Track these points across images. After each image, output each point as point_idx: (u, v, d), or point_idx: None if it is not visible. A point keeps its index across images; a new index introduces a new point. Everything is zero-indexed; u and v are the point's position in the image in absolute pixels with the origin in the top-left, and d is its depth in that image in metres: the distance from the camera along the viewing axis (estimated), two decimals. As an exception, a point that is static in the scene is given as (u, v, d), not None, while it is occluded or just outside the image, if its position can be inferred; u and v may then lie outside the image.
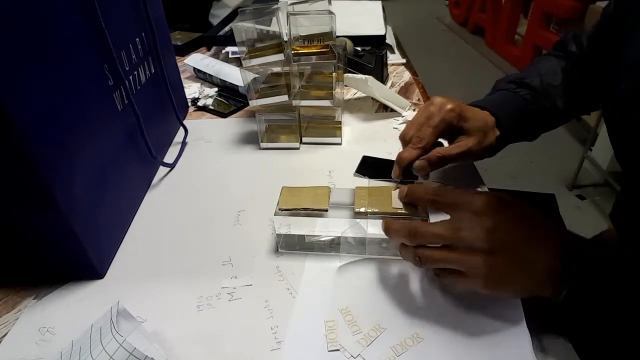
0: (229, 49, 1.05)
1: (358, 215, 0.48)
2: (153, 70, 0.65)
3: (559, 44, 0.65)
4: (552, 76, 0.60)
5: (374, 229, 0.48)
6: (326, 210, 0.48)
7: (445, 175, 0.63)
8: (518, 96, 0.59)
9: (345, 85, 0.84)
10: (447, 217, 0.40)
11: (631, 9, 0.49)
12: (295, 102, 0.68)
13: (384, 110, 0.80)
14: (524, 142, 0.62)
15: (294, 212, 0.48)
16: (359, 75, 0.79)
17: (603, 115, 0.59)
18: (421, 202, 0.43)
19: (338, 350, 0.41)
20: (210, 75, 0.92)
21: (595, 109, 0.67)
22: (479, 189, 0.61)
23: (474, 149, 0.51)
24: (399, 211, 0.46)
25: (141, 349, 0.35)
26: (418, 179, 0.53)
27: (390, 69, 0.97)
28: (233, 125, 0.79)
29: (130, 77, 0.57)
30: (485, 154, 0.55)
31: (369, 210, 0.47)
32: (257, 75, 0.68)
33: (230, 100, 0.87)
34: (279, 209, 0.49)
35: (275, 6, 0.64)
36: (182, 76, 0.86)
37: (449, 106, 0.51)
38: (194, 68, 0.95)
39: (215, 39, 1.09)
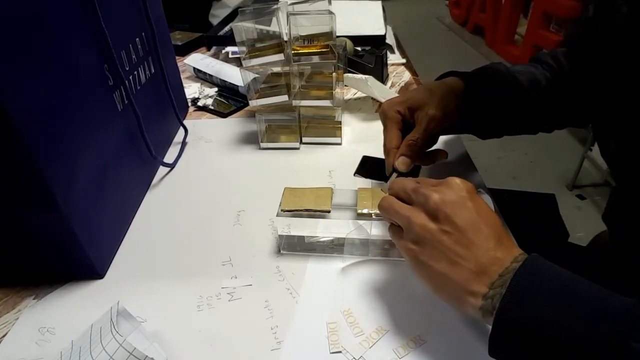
0: (229, 49, 1.05)
1: (360, 216, 0.48)
2: (153, 70, 0.65)
3: (533, 59, 0.64)
4: (525, 74, 0.59)
5: (377, 230, 0.48)
6: (329, 212, 0.48)
7: (445, 176, 0.62)
8: (486, 68, 0.60)
9: (345, 85, 0.84)
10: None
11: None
12: (295, 102, 0.68)
13: (379, 110, 0.80)
14: (524, 142, 0.61)
15: (296, 213, 0.48)
16: (359, 75, 0.79)
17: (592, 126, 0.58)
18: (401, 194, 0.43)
19: (340, 352, 0.41)
20: (210, 75, 0.92)
21: (571, 125, 0.66)
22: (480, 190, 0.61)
23: (438, 115, 0.51)
24: None
25: (141, 349, 0.35)
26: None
27: (390, 69, 0.97)
28: (233, 125, 0.79)
29: (130, 77, 0.57)
30: (463, 115, 0.55)
31: (372, 212, 0.47)
32: (257, 75, 0.68)
33: (230, 100, 0.87)
34: (281, 210, 0.48)
35: (275, 6, 0.64)
36: (182, 76, 0.86)
37: (394, 109, 0.53)
38: (194, 68, 0.95)
39: (215, 39, 1.09)
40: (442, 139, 0.58)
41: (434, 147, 0.57)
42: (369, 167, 0.57)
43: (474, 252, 0.35)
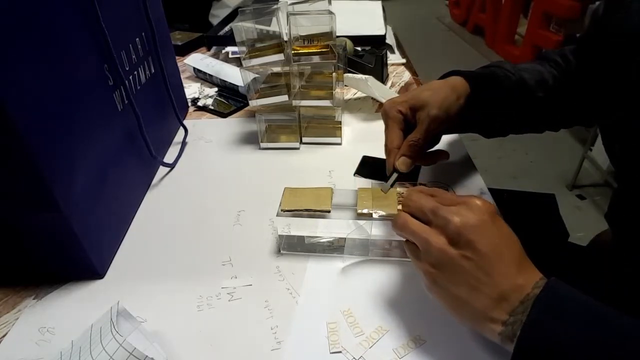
0: (229, 49, 1.05)
1: (360, 216, 0.48)
2: (153, 70, 0.65)
3: (541, 57, 0.64)
4: (531, 73, 0.58)
5: (377, 230, 0.48)
6: (329, 212, 0.48)
7: (446, 176, 0.63)
8: (491, 67, 0.59)
9: (345, 85, 0.84)
10: None
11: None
12: (295, 102, 0.68)
13: (381, 110, 0.80)
14: (524, 142, 0.61)
15: (296, 213, 0.48)
16: (359, 75, 0.79)
17: (598, 124, 0.58)
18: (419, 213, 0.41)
19: (340, 352, 0.41)
20: (210, 75, 0.92)
21: (577, 123, 0.66)
22: (480, 190, 0.61)
23: (440, 115, 0.51)
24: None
25: (141, 349, 0.35)
26: (417, 181, 0.53)
27: (390, 69, 0.97)
28: (233, 125, 0.79)
29: (130, 77, 0.57)
30: (465, 116, 0.54)
31: (372, 212, 0.47)
32: (257, 75, 0.68)
33: (230, 100, 0.87)
34: (282, 210, 0.48)
35: (275, 6, 0.64)
36: (182, 76, 0.86)
37: (396, 108, 0.52)
38: (194, 68, 0.95)
39: (215, 39, 1.09)
40: (442, 138, 0.58)
41: (436, 147, 0.57)
42: (369, 167, 0.57)
43: (495, 278, 0.35)
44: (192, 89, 0.90)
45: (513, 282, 0.34)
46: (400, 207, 0.48)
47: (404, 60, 1.03)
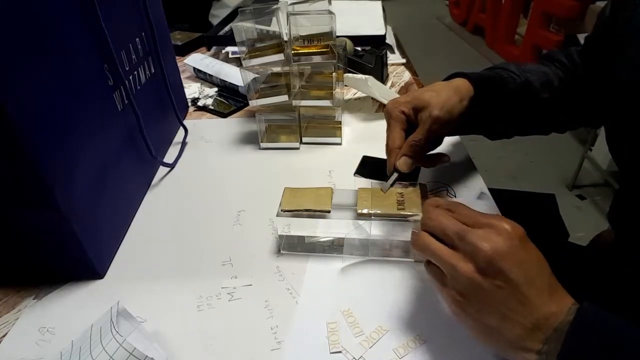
0: (229, 49, 1.05)
1: (360, 216, 0.48)
2: (153, 70, 0.65)
3: (547, 56, 0.63)
4: (537, 74, 0.58)
5: (377, 230, 0.48)
6: (329, 212, 0.48)
7: (446, 176, 0.63)
8: (496, 69, 0.58)
9: (345, 85, 0.84)
10: None
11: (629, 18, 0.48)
12: (295, 102, 0.68)
13: (384, 110, 0.80)
14: (524, 142, 0.61)
15: (296, 213, 0.48)
16: (359, 75, 0.79)
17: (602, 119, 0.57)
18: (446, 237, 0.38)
19: (340, 352, 0.41)
20: (210, 75, 0.92)
21: (583, 124, 0.66)
22: (480, 190, 0.61)
23: (441, 116, 0.50)
24: (401, 213, 0.47)
25: (141, 349, 0.35)
26: (417, 181, 0.53)
27: (390, 69, 0.97)
28: (233, 125, 0.79)
29: (130, 77, 0.57)
30: (468, 117, 0.53)
31: (372, 212, 0.47)
32: (257, 75, 0.68)
33: (230, 100, 0.87)
34: (282, 210, 0.48)
35: (275, 6, 0.64)
36: (182, 76, 0.86)
37: (398, 108, 0.52)
38: (194, 68, 0.95)
39: (215, 39, 1.09)
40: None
41: (437, 150, 0.57)
42: (369, 167, 0.57)
43: (528, 307, 0.33)
44: (192, 89, 0.90)
45: (546, 310, 0.33)
46: (401, 208, 0.48)
47: (404, 60, 1.03)
